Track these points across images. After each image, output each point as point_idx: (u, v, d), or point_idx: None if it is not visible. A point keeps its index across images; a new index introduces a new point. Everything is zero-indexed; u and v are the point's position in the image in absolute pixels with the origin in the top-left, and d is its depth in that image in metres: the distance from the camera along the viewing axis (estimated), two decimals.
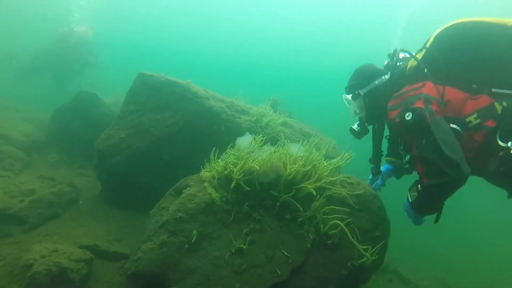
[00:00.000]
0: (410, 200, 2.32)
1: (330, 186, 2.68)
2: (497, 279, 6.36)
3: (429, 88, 2.15)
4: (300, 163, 2.57)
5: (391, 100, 2.34)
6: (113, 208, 3.66)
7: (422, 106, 2.04)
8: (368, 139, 2.97)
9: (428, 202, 2.19)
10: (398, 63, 2.49)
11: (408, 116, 2.04)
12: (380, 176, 3.17)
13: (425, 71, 2.22)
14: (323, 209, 2.50)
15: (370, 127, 2.91)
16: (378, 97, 2.57)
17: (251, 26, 27.23)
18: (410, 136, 2.13)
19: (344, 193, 2.69)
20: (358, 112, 2.75)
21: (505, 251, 8.32)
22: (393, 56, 2.48)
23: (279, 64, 27.59)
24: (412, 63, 2.41)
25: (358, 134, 2.86)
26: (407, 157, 2.48)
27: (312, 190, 2.55)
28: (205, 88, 4.51)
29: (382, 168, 3.21)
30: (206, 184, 2.85)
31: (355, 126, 2.87)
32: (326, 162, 2.91)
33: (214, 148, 2.85)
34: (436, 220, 2.27)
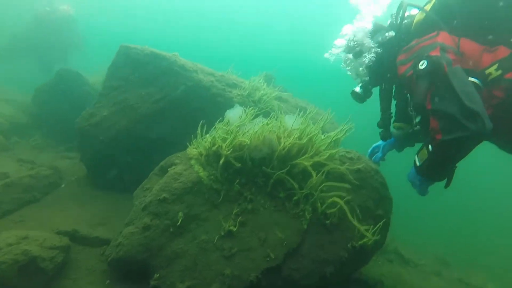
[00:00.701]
0: (418, 164, 2.09)
1: (328, 162, 2.43)
2: (500, 255, 6.29)
3: (444, 37, 1.95)
4: (295, 136, 2.31)
5: (400, 54, 2.15)
6: (98, 191, 3.44)
7: (438, 54, 1.83)
8: (365, 109, 2.71)
9: (440, 163, 1.97)
10: (403, 20, 2.28)
11: (423, 64, 1.83)
12: (380, 149, 2.95)
13: (436, 20, 2.02)
14: (321, 186, 2.27)
15: (374, 89, 2.64)
16: (383, 54, 2.37)
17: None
18: (424, 88, 1.89)
19: (343, 169, 2.45)
20: (360, 72, 2.51)
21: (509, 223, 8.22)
22: (398, 11, 2.27)
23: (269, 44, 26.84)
24: (419, 16, 2.21)
25: (361, 97, 2.62)
26: (418, 118, 2.22)
27: (309, 166, 2.31)
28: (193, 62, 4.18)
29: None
30: (193, 161, 2.62)
31: (357, 89, 2.62)
32: (324, 136, 2.66)
33: (201, 122, 2.59)
34: (448, 184, 2.09)
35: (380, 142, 3.03)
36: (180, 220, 2.27)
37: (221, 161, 2.39)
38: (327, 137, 2.61)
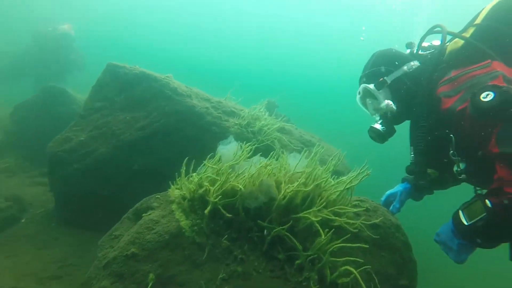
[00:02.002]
0: (467, 223, 1.67)
1: (339, 215, 1.99)
2: None
3: (501, 67, 1.70)
4: (300, 181, 1.89)
5: (440, 86, 1.87)
6: (65, 228, 2.99)
7: (504, 84, 1.55)
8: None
9: (504, 225, 1.56)
10: (428, 47, 2.14)
11: (487, 96, 1.51)
12: (397, 197, 2.52)
13: (482, 48, 1.79)
14: (331, 248, 1.81)
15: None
16: (410, 87, 2.08)
17: (248, 28, 26.70)
18: (485, 125, 1.57)
19: (358, 224, 2.01)
20: (382, 106, 2.15)
21: None
22: (423, 37, 2.10)
23: (276, 66, 27.03)
24: (454, 45, 1.99)
25: (382, 136, 2.24)
26: (462, 165, 1.87)
27: (316, 221, 1.87)
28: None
29: (399, 187, 2.57)
30: (174, 206, 2.18)
31: (378, 126, 2.22)
32: (334, 180, 2.24)
33: (186, 158, 2.18)
34: None
35: (396, 189, 2.62)
36: (150, 284, 1.80)
37: (207, 209, 1.95)
38: (339, 183, 2.18)
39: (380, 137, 2.26)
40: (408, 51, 2.32)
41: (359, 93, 2.28)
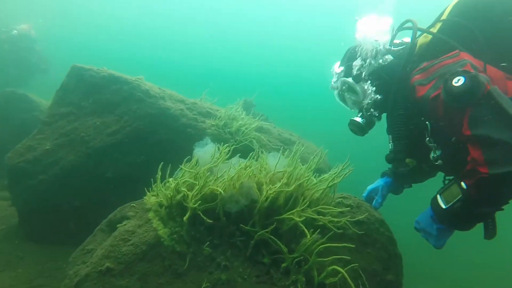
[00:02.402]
0: (444, 206, 1.73)
1: (323, 214, 1.96)
2: None
3: (469, 57, 1.77)
4: (283, 182, 1.84)
5: (414, 75, 1.92)
6: (31, 245, 2.76)
7: (472, 71, 1.61)
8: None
9: (480, 204, 1.62)
10: (399, 44, 2.19)
11: (458, 81, 1.57)
12: (379, 192, 2.54)
13: (449, 41, 1.88)
14: (317, 248, 1.77)
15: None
16: (386, 79, 2.13)
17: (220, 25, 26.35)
18: (457, 110, 1.62)
19: (343, 222, 1.99)
20: (361, 98, 2.20)
21: None
22: (394, 34, 2.15)
23: (251, 66, 26.91)
24: (424, 39, 2.07)
25: (362, 128, 2.28)
26: (438, 152, 1.93)
27: (300, 222, 1.83)
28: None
29: (379, 182, 2.59)
30: (151, 214, 2.07)
31: (358, 119, 2.26)
32: (316, 178, 2.21)
33: (162, 163, 2.07)
34: (490, 234, 1.73)
35: (377, 184, 2.64)
36: None
37: (186, 216, 1.85)
38: (321, 181, 2.15)
39: (360, 129, 2.29)
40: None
41: (337, 87, 2.29)
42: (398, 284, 2.05)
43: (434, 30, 2.03)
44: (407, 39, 2.19)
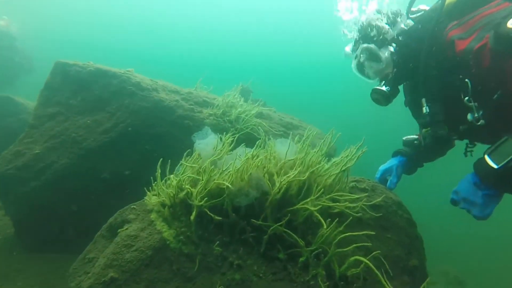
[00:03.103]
0: (497, 166, 1.55)
1: (339, 201, 1.83)
2: None
3: None
4: (296, 170, 1.69)
5: (449, 31, 1.81)
6: (30, 256, 2.63)
7: None
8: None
9: None
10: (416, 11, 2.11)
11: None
12: (393, 172, 2.41)
13: None
14: (337, 239, 1.64)
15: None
16: (410, 43, 2.02)
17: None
18: (505, 59, 1.49)
19: (360, 207, 1.86)
20: (384, 66, 2.06)
21: None
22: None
23: (243, 53, 26.31)
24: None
25: (387, 97, 2.11)
26: (480, 112, 1.76)
27: (315, 211, 1.69)
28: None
29: (393, 161, 2.46)
30: (153, 216, 1.93)
31: (382, 87, 2.09)
32: (326, 162, 2.07)
33: (161, 160, 1.92)
34: None
35: (390, 164, 2.51)
36: None
37: (192, 215, 1.71)
38: (333, 166, 2.01)
39: (385, 98, 2.13)
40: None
41: (357, 56, 2.14)
42: (422, 268, 1.94)
43: None
44: (424, 7, 2.09)
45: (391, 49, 2.03)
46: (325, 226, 1.68)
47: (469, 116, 1.78)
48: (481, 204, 1.68)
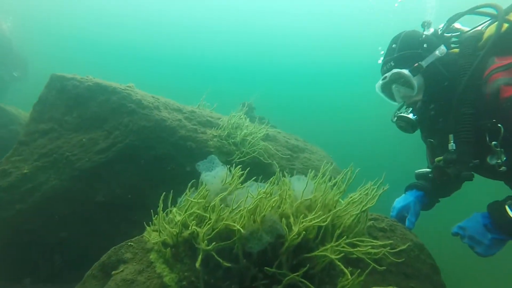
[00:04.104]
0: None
1: (359, 246, 1.67)
2: None
3: None
4: (316, 214, 1.54)
5: (493, 73, 1.75)
6: (12, 287, 2.39)
7: None
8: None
9: None
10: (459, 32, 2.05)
11: None
12: (411, 210, 2.27)
13: None
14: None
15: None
16: (444, 73, 1.95)
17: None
18: None
19: (382, 253, 1.70)
20: (415, 93, 1.99)
21: None
22: (458, 17, 2.01)
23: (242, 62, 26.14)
24: (491, 30, 1.86)
25: (414, 125, 2.05)
26: (504, 158, 1.79)
27: (336, 259, 1.53)
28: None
29: (409, 197, 2.32)
30: (153, 256, 1.76)
31: (409, 114, 2.03)
32: (344, 200, 1.93)
33: (163, 194, 1.75)
34: None
35: (406, 200, 2.37)
36: None
37: (198, 261, 1.53)
38: (351, 204, 1.85)
39: (412, 126, 2.06)
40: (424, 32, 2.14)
41: (385, 78, 2.05)
42: None
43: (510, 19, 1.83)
44: (458, 26, 2.04)
45: (422, 77, 1.95)
46: (349, 276, 1.52)
47: (490, 159, 1.82)
48: (486, 246, 1.79)
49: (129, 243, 1.87)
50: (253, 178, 1.90)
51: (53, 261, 2.59)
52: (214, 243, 1.56)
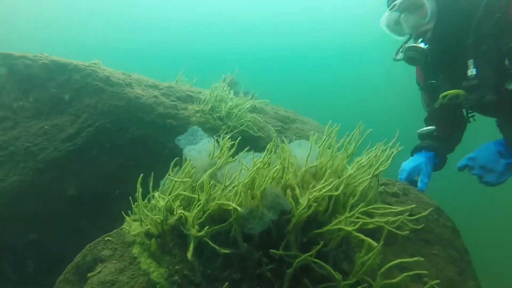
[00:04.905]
0: None
1: (377, 215, 1.46)
2: None
3: None
4: (327, 181, 1.31)
5: None
6: None
7: None
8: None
9: None
10: None
11: None
12: (423, 170, 2.10)
13: None
14: (382, 266, 1.27)
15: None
16: None
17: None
18: None
19: (401, 221, 1.50)
20: (427, 20, 1.85)
21: None
22: None
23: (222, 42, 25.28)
24: None
25: (426, 55, 1.90)
26: None
27: (354, 231, 1.32)
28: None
29: (419, 158, 2.15)
30: (136, 250, 1.51)
31: (420, 44, 1.89)
32: (353, 166, 1.71)
33: (141, 176, 1.47)
34: None
35: (417, 162, 2.20)
36: None
37: (189, 250, 1.28)
38: (360, 170, 1.63)
39: (423, 56, 1.90)
40: None
41: (394, 6, 1.92)
42: None
43: None
44: None
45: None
46: (374, 245, 1.29)
47: (509, 85, 1.74)
48: (500, 172, 1.84)
49: (106, 238, 1.59)
50: (246, 149, 1.63)
51: (25, 267, 2.30)
52: (206, 227, 1.31)
